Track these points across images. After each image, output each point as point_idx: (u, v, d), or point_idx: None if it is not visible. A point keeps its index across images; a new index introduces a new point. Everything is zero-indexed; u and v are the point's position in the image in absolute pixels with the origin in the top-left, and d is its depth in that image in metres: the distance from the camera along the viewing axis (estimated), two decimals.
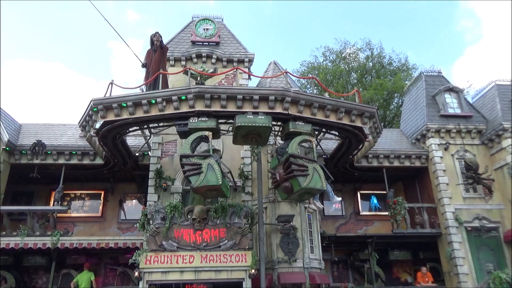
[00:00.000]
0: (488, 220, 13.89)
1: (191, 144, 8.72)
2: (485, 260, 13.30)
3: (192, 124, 9.03)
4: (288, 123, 9.35)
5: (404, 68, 31.41)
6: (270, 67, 15.15)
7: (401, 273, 15.83)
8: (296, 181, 8.61)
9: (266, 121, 8.98)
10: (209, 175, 8.35)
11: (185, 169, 8.47)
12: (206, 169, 8.40)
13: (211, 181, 8.34)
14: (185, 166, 8.48)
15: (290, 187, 8.83)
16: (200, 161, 8.46)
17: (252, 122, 8.92)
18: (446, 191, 14.23)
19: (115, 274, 13.87)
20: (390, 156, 14.95)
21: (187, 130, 9.06)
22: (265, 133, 9.32)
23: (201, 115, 9.13)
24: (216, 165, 8.51)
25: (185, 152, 8.59)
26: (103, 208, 14.90)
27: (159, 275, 9.54)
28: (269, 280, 10.61)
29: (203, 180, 8.32)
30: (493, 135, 14.63)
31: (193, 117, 9.15)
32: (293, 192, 8.90)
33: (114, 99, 9.37)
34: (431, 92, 16.58)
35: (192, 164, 8.45)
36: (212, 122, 9.12)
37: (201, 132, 8.92)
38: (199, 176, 8.34)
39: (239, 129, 9.07)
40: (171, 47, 13.88)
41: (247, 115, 9.02)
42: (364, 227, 15.78)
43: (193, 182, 8.34)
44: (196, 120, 9.09)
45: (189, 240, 9.79)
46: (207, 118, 9.13)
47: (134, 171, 13.88)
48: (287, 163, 8.67)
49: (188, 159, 8.52)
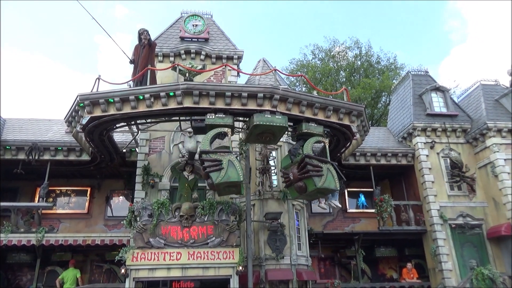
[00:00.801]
0: (471, 218, 14.16)
1: (210, 141, 8.72)
2: (469, 257, 13.57)
3: (209, 120, 8.99)
4: (301, 124, 9.45)
5: (392, 67, 31.74)
6: (259, 64, 15.15)
7: (386, 270, 16.05)
8: (311, 181, 8.73)
9: (283, 121, 9.12)
10: (230, 171, 8.38)
11: (205, 165, 8.41)
12: (227, 165, 8.42)
13: (232, 178, 8.36)
14: (205, 162, 8.42)
15: (304, 186, 8.95)
16: (220, 157, 8.47)
17: (270, 121, 9.02)
18: (432, 189, 14.45)
19: (101, 271, 13.76)
20: (377, 154, 15.11)
21: (203, 126, 9.03)
22: (280, 133, 9.49)
23: (219, 112, 9.08)
24: (236, 161, 8.60)
25: (205, 148, 8.58)
26: (90, 205, 14.74)
27: (146, 272, 9.49)
28: (256, 277, 10.66)
29: (224, 177, 8.31)
30: (478, 134, 14.90)
31: (210, 113, 9.05)
32: (306, 192, 9.04)
33: (101, 94, 9.25)
34: (418, 91, 16.79)
35: (212, 160, 8.45)
36: (229, 119, 9.14)
37: (220, 128, 8.93)
38: (220, 172, 8.33)
39: (256, 128, 9.14)
40: (160, 43, 13.76)
41: (265, 114, 9.08)
42: (351, 224, 15.94)
43: (214, 178, 8.30)
44: (214, 117, 9.04)
45: (176, 237, 9.76)
46: (224, 115, 9.13)
47: (121, 167, 13.75)
48: (303, 163, 8.76)
49: (208, 155, 8.52)
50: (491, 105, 15.68)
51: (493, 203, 14.23)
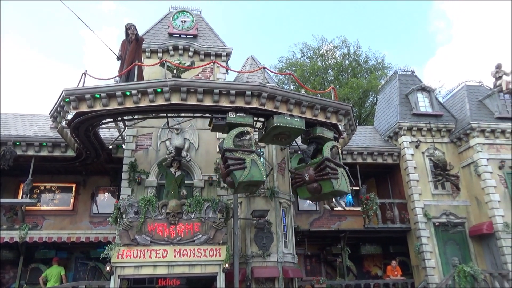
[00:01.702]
0: (455, 216, 14.42)
1: (233, 139, 8.78)
2: (451, 254, 13.83)
3: (230, 118, 9.04)
4: (316, 128, 9.68)
5: (380, 67, 32.05)
6: (247, 62, 15.13)
7: (371, 267, 16.27)
8: (328, 183, 8.97)
9: (301, 124, 9.39)
10: (253, 170, 8.51)
11: (229, 163, 8.46)
12: (250, 164, 8.53)
13: (256, 177, 8.51)
14: (228, 160, 8.47)
15: (319, 188, 9.22)
16: (244, 156, 8.58)
17: (289, 123, 9.25)
18: (416, 187, 14.67)
19: (86, 269, 13.64)
20: (363, 153, 15.26)
21: (223, 124, 9.09)
22: (296, 135, 9.77)
23: (239, 111, 9.18)
24: (259, 161, 8.75)
25: (228, 146, 8.60)
26: (75, 202, 14.55)
27: (132, 269, 9.42)
28: (242, 274, 10.69)
29: (247, 175, 8.43)
30: (462, 134, 15.16)
31: (231, 111, 9.10)
32: (320, 193, 9.32)
33: (87, 90, 9.13)
34: (404, 91, 16.99)
35: (236, 158, 8.51)
36: (250, 119, 9.25)
37: (243, 127, 9.02)
38: (244, 171, 8.44)
39: (275, 129, 9.30)
40: (148, 39, 13.64)
41: (284, 116, 9.27)
42: (337, 222, 16.08)
43: (237, 176, 8.38)
44: (235, 115, 9.12)
45: (162, 234, 9.71)
46: (245, 114, 9.20)
47: (107, 164, 13.61)
48: (323, 165, 8.91)
49: (232, 153, 8.55)
50: (475, 106, 15.97)
51: (475, 202, 14.52)
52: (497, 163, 14.44)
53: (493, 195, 13.85)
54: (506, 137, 14.98)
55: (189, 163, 12.25)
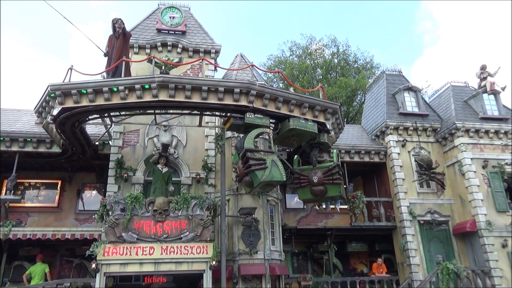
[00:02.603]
0: (439, 214, 14.66)
1: (254, 140, 9.13)
2: (435, 252, 14.07)
3: (248, 119, 9.28)
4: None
5: (368, 66, 32.29)
6: (236, 59, 15.10)
7: (357, 264, 16.45)
8: (335, 188, 9.58)
9: (314, 127, 9.86)
10: (273, 171, 8.82)
11: (250, 163, 8.69)
12: (271, 165, 8.83)
13: (276, 177, 8.81)
14: (250, 160, 8.70)
15: (325, 191, 9.87)
16: (264, 156, 8.88)
17: (304, 126, 9.67)
18: (402, 186, 14.86)
19: (71, 266, 13.48)
20: (351, 152, 15.39)
21: (241, 124, 9.34)
22: (307, 138, 10.21)
23: (257, 112, 9.44)
24: (279, 161, 9.05)
25: (249, 146, 8.89)
26: (60, 198, 14.35)
27: (118, 267, 9.37)
28: (229, 272, 10.70)
29: (268, 175, 8.71)
30: (447, 133, 15.40)
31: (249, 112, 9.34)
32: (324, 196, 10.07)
33: (73, 85, 9.02)
34: (391, 90, 17.18)
35: (257, 159, 8.77)
36: (266, 120, 9.53)
37: (262, 129, 9.37)
38: (265, 171, 8.72)
39: (290, 131, 9.64)
40: (136, 34, 13.51)
41: (300, 119, 9.67)
42: (324, 220, 16.19)
43: (259, 176, 8.64)
44: (252, 116, 9.37)
45: (149, 231, 9.66)
46: (262, 115, 9.47)
47: (93, 160, 13.44)
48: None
49: (253, 153, 8.80)
50: (460, 106, 16.23)
51: (459, 201, 14.79)
52: (481, 163, 14.72)
53: (476, 194, 14.12)
54: (489, 137, 15.27)
55: (177, 160, 12.20)
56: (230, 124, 9.52)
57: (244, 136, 9.46)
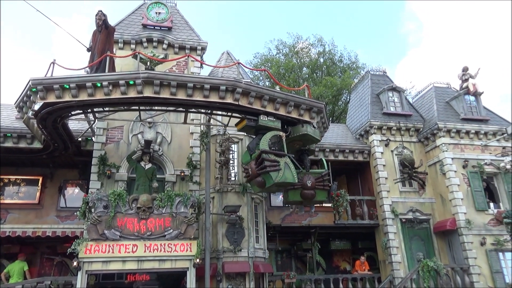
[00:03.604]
0: (420, 213, 14.93)
1: (268, 142, 9.38)
2: (416, 250, 14.33)
3: (262, 121, 9.59)
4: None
5: (354, 66, 32.58)
6: (223, 56, 15.04)
7: (340, 262, 16.64)
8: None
9: (318, 135, 10.58)
10: (286, 172, 9.17)
11: (265, 164, 8.96)
12: (284, 167, 9.16)
13: (289, 179, 9.18)
14: (264, 161, 8.97)
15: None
16: (278, 158, 9.19)
17: (314, 133, 10.27)
18: (385, 185, 15.07)
19: (52, 264, 13.25)
20: (335, 150, 15.52)
21: (254, 125, 9.65)
22: (310, 143, 10.83)
23: (270, 115, 9.78)
24: (291, 164, 9.40)
25: (265, 148, 9.15)
26: (41, 195, 14.06)
27: (100, 264, 9.26)
28: (213, 269, 10.70)
29: (281, 177, 9.04)
30: (429, 133, 15.68)
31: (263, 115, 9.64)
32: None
33: (55, 79, 8.84)
34: (376, 90, 17.38)
35: (272, 160, 9.06)
36: (278, 124, 9.85)
37: (276, 131, 9.64)
38: (278, 173, 9.05)
39: (303, 136, 10.13)
40: (121, 29, 13.33)
41: (311, 126, 10.27)
42: (308, 218, 16.28)
43: (273, 177, 8.98)
44: (266, 119, 9.68)
45: (132, 229, 9.57)
46: (275, 118, 9.83)
47: (76, 156, 13.21)
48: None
49: (268, 155, 9.07)
50: (442, 107, 16.54)
51: (440, 199, 15.08)
52: (461, 163, 15.03)
53: (456, 193, 14.43)
54: (470, 137, 15.60)
55: (161, 157, 12.10)
56: (243, 125, 9.82)
57: (255, 138, 9.81)
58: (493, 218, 14.35)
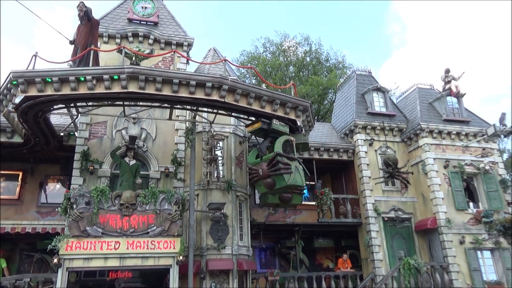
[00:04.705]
0: (402, 211, 15.17)
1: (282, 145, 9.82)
2: (398, 248, 14.56)
3: (274, 125, 10.04)
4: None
5: (340, 66, 32.81)
6: (209, 53, 14.97)
7: (324, 260, 16.78)
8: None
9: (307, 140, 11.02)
10: (296, 176, 9.59)
11: (280, 166, 9.38)
12: (294, 170, 9.59)
13: (298, 182, 9.63)
14: (279, 163, 9.38)
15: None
16: (290, 162, 9.58)
17: (307, 140, 10.97)
18: (368, 183, 15.25)
19: (31, 261, 12.98)
20: (320, 149, 15.63)
21: (266, 128, 10.03)
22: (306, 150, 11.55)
23: (281, 120, 10.22)
24: (300, 167, 9.82)
25: (279, 151, 9.56)
26: (21, 190, 13.75)
27: (81, 262, 9.14)
28: (197, 267, 10.67)
29: (293, 180, 9.46)
30: (412, 134, 15.93)
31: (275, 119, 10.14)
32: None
33: (37, 73, 8.67)
34: (361, 90, 17.56)
35: (285, 163, 9.46)
36: (287, 128, 10.41)
37: (287, 136, 10.13)
38: (290, 175, 9.47)
39: (301, 145, 10.59)
40: (105, 23, 13.12)
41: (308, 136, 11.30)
42: (292, 216, 16.37)
43: (286, 179, 9.41)
44: (278, 123, 10.16)
45: (115, 225, 9.47)
46: (284, 123, 10.37)
47: (57, 152, 12.97)
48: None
49: (282, 158, 9.47)
50: (425, 108, 16.82)
51: (421, 199, 15.36)
52: (443, 163, 15.32)
53: (437, 192, 14.70)
54: (451, 138, 15.91)
55: (146, 154, 11.98)
56: (256, 127, 10.08)
57: (265, 141, 10.28)
58: (472, 218, 14.68)
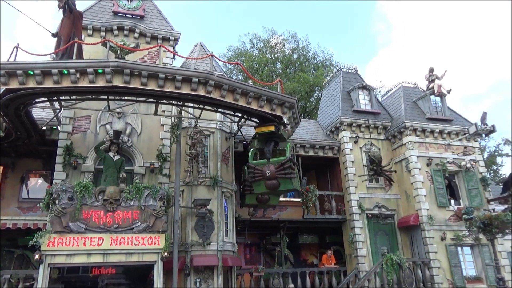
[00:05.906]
0: (386, 208, 15.39)
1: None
2: (381, 244, 14.78)
3: (281, 131, 10.56)
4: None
5: (327, 64, 32.97)
6: (196, 48, 14.86)
7: (308, 256, 16.93)
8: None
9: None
10: (296, 180, 10.77)
11: (290, 170, 10.26)
12: (296, 174, 10.72)
13: (296, 186, 10.74)
14: (289, 168, 10.23)
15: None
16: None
17: None
18: (353, 180, 15.40)
19: (12, 257, 12.73)
20: (306, 146, 15.71)
21: (275, 132, 10.42)
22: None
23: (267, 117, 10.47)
24: (297, 172, 10.75)
25: (290, 156, 10.46)
26: (1, 186, 13.42)
27: (63, 258, 9.00)
28: (181, 263, 10.63)
29: (296, 184, 10.65)
30: (396, 131, 16.15)
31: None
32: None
33: (19, 65, 8.47)
34: (347, 88, 17.69)
35: (293, 168, 10.33)
36: (286, 134, 11.29)
37: (292, 143, 11.32)
38: (295, 179, 10.56)
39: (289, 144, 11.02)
40: (90, 15, 12.89)
41: None
42: (278, 212, 16.42)
43: (293, 183, 10.43)
44: (283, 129, 10.73)
45: (98, 221, 9.34)
46: None
47: (40, 146, 12.72)
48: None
49: (291, 163, 10.35)
50: (409, 106, 17.06)
51: (405, 196, 15.60)
52: (426, 160, 15.59)
53: (420, 189, 14.96)
54: (434, 136, 16.19)
55: (131, 149, 11.85)
56: (268, 130, 10.41)
57: (270, 144, 10.73)
58: (453, 214, 14.99)
